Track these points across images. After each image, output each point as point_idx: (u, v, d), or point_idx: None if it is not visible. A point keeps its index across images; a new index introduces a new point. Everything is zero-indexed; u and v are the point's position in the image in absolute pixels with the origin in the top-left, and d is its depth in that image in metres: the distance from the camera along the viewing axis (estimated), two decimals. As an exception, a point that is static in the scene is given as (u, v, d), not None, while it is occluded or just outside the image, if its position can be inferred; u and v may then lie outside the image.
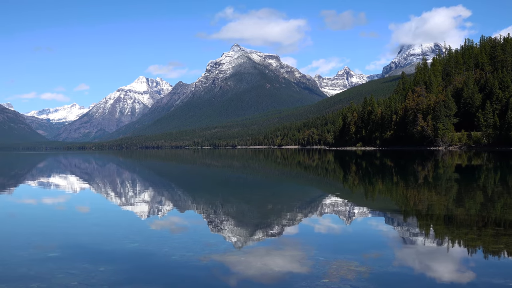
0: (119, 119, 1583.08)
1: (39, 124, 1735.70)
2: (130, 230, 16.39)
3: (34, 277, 10.64)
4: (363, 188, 31.75)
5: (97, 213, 21.25)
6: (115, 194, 30.19)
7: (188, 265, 11.64)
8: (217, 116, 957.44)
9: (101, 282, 10.27)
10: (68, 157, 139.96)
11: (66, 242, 14.32)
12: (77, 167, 73.39)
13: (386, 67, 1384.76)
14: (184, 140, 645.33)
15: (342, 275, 10.52)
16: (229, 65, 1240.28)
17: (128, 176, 51.74)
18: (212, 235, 15.82)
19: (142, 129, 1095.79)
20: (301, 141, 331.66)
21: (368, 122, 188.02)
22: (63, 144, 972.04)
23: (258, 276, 10.70)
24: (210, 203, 24.34)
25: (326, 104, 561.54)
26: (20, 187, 37.15)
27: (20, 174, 56.74)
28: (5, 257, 12.52)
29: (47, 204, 24.98)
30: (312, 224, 17.47)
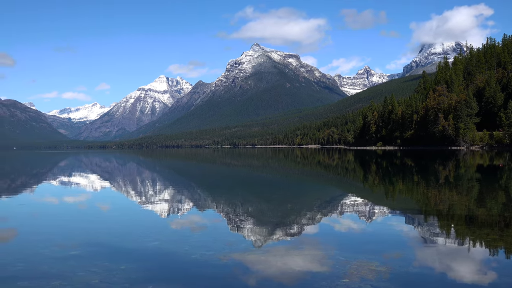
0: (139, 118, 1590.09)
1: (60, 123, 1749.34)
2: (151, 229, 16.47)
3: (55, 275, 10.73)
4: (383, 188, 31.59)
5: (118, 212, 21.39)
6: (135, 193, 30.34)
7: (208, 264, 11.67)
8: (237, 115, 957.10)
9: (122, 280, 10.33)
10: (89, 156, 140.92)
11: (87, 240, 14.42)
12: (98, 166, 73.88)
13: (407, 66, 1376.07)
14: (204, 139, 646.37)
15: (363, 275, 10.49)
16: (249, 65, 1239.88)
17: (148, 175, 51.97)
18: (232, 234, 15.84)
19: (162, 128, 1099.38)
20: (321, 140, 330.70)
21: (389, 121, 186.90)
22: (84, 143, 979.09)
23: (278, 275, 10.70)
24: (230, 202, 24.37)
25: (346, 103, 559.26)
26: (42, 185, 37.50)
27: (42, 172, 57.25)
28: (28, 255, 12.65)
29: (69, 202, 25.19)
30: (332, 224, 17.43)
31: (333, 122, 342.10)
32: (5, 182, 41.28)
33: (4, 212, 21.10)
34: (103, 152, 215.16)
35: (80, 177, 46.27)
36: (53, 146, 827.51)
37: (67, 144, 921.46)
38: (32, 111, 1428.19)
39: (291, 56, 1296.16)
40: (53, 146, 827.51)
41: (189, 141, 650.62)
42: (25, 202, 25.68)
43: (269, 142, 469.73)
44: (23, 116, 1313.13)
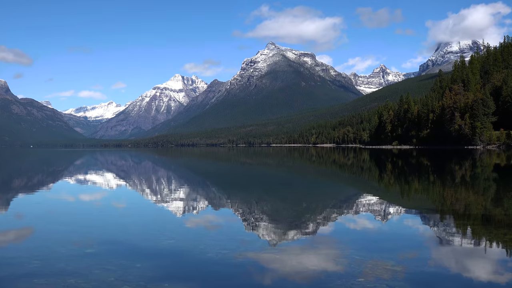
0: (154, 117, 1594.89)
1: (76, 121, 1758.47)
2: (166, 227, 16.53)
3: (71, 273, 10.80)
4: (399, 187, 31.48)
5: (133, 210, 21.48)
6: (151, 191, 30.45)
7: (223, 262, 11.69)
8: (252, 114, 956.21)
9: (138, 278, 10.37)
10: (105, 154, 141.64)
11: (103, 239, 14.49)
12: (114, 165, 74.25)
13: (423, 65, 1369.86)
14: (219, 138, 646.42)
15: (378, 275, 10.45)
16: (264, 63, 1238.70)
17: (164, 173, 52.13)
18: (247, 233, 15.86)
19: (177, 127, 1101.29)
20: (336, 139, 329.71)
21: (404, 120, 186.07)
22: (99, 141, 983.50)
23: (293, 274, 10.69)
24: (245, 201, 24.38)
25: (361, 102, 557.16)
26: (58, 183, 37.75)
27: (58, 171, 57.64)
28: (44, 252, 12.73)
29: (85, 200, 25.34)
30: (347, 223, 17.39)
31: (348, 121, 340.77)
32: (22, 180, 41.60)
33: (21, 210, 21.26)
34: (119, 151, 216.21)
35: (96, 175, 46.50)
36: (69, 144, 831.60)
37: (83, 143, 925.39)
38: (49, 109, 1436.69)
39: (307, 55, 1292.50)
40: (69, 144, 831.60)
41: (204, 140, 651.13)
42: (42, 200, 25.84)
43: (284, 141, 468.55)
44: (39, 115, 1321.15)
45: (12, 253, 12.73)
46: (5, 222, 18.17)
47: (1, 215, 20.09)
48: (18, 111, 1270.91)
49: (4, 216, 19.63)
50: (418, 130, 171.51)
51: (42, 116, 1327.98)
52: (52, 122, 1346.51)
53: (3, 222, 18.07)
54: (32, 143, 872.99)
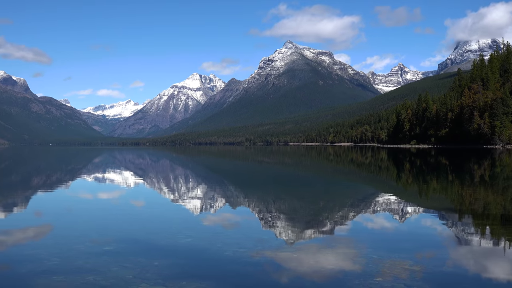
0: (172, 115, 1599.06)
1: (94, 120, 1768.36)
2: (184, 225, 16.59)
3: (90, 270, 10.87)
4: (417, 187, 31.33)
5: (151, 208, 21.58)
6: (168, 190, 30.57)
7: (240, 261, 11.70)
8: (270, 112, 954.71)
9: (155, 276, 10.41)
10: (123, 152, 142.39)
11: (121, 236, 14.58)
12: (132, 163, 74.63)
13: (442, 63, 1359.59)
14: (237, 136, 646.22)
15: (396, 274, 10.41)
16: (281, 62, 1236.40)
17: (181, 172, 52.31)
18: (264, 231, 15.87)
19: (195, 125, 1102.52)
20: (354, 138, 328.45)
21: (423, 119, 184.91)
22: (118, 139, 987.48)
23: (310, 273, 10.67)
24: (262, 200, 24.40)
25: (379, 101, 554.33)
26: (77, 181, 38.06)
27: (77, 169, 58.06)
28: (63, 250, 12.82)
29: (103, 198, 25.50)
30: (365, 222, 17.33)
31: (366, 120, 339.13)
32: (41, 178, 41.98)
33: (40, 208, 21.44)
34: (137, 149, 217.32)
35: (114, 174, 46.79)
36: (87, 142, 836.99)
37: (101, 141, 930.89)
38: (68, 108, 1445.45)
39: (324, 53, 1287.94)
40: (87, 142, 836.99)
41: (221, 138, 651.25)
42: (61, 197, 26.06)
43: (301, 139, 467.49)
44: (58, 113, 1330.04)
45: (31, 250, 12.84)
46: (24, 219, 18.33)
47: (21, 212, 20.29)
48: (37, 109, 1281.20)
49: (24, 214, 19.81)
50: (437, 129, 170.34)
51: (61, 115, 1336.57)
52: (71, 120, 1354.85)
53: (23, 220, 18.24)
54: (51, 141, 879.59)
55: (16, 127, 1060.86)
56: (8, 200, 24.88)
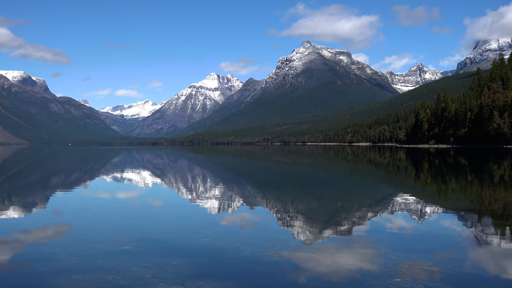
0: (190, 115, 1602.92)
1: (113, 120, 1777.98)
2: (202, 225, 16.62)
3: (109, 269, 10.94)
4: (435, 187, 31.14)
5: (169, 208, 21.67)
6: (186, 190, 30.67)
7: (258, 261, 11.71)
8: (287, 112, 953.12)
9: (174, 276, 10.45)
10: (141, 152, 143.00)
11: (140, 236, 14.64)
12: (150, 163, 74.94)
13: (461, 63, 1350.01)
14: (254, 136, 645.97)
15: (415, 275, 10.35)
16: (299, 62, 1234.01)
17: (199, 171, 52.45)
18: (282, 231, 15.87)
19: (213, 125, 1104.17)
20: (372, 138, 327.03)
21: (442, 119, 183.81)
22: (136, 139, 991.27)
23: (328, 273, 10.66)
24: (280, 200, 24.39)
25: (398, 100, 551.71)
26: (95, 181, 38.31)
27: (95, 168, 58.43)
28: (82, 249, 12.91)
29: (121, 198, 25.64)
30: (383, 223, 17.26)
31: (384, 120, 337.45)
32: (61, 178, 42.30)
33: (59, 207, 21.58)
34: (155, 149, 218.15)
35: (132, 173, 47.02)
36: (106, 142, 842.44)
37: (119, 141, 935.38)
38: (86, 108, 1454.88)
39: (342, 53, 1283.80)
40: (106, 142, 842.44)
41: (239, 138, 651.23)
42: (80, 197, 26.25)
43: (319, 139, 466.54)
44: (77, 113, 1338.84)
45: (51, 249, 12.94)
46: (44, 218, 18.48)
47: (40, 211, 20.46)
48: (56, 109, 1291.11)
49: (43, 213, 19.97)
50: (456, 129, 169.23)
51: (80, 115, 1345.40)
52: (90, 120, 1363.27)
53: (42, 219, 18.38)
54: (70, 141, 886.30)
55: (36, 127, 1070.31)
56: (27, 200, 25.12)
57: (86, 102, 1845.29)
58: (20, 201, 24.42)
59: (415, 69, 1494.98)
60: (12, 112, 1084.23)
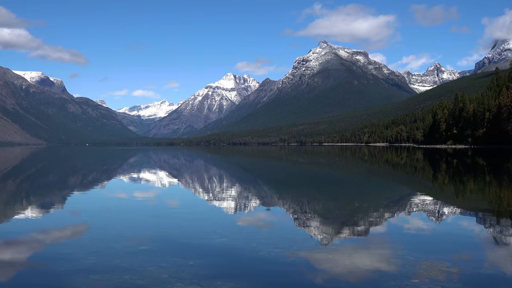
0: (207, 115, 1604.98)
1: (130, 120, 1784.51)
2: (218, 225, 16.65)
3: (126, 269, 11.00)
4: (453, 187, 30.96)
5: (186, 208, 21.73)
6: (203, 190, 30.74)
7: (275, 261, 11.71)
8: (304, 113, 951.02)
9: (191, 276, 10.49)
10: (158, 152, 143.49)
11: (157, 236, 14.71)
12: (166, 163, 75.19)
13: (479, 62, 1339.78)
14: (271, 136, 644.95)
15: (433, 276, 10.30)
16: (316, 62, 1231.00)
17: (216, 172, 52.52)
18: (298, 232, 15.86)
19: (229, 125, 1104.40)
20: (389, 138, 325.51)
21: (459, 119, 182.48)
22: (152, 140, 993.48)
23: (346, 274, 10.63)
24: (296, 200, 24.37)
25: (415, 100, 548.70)
26: (113, 181, 38.52)
27: (112, 168, 58.73)
28: (100, 248, 13.00)
29: (139, 198, 25.74)
30: (400, 223, 17.19)
31: (401, 120, 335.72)
32: (78, 178, 42.57)
33: (77, 207, 21.74)
34: (172, 149, 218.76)
35: (149, 174, 47.20)
36: (123, 142, 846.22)
37: (136, 141, 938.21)
38: (103, 108, 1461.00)
39: (359, 53, 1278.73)
40: (123, 142, 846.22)
41: (255, 139, 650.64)
42: (97, 197, 26.42)
43: (336, 140, 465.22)
44: (94, 114, 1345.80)
45: (69, 249, 13.04)
46: (62, 218, 18.62)
47: (58, 211, 20.63)
48: (73, 110, 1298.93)
49: (61, 213, 20.13)
50: (474, 129, 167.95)
51: (97, 115, 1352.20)
52: (107, 120, 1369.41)
53: (60, 219, 18.53)
54: (87, 141, 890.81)
55: (53, 128, 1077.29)
56: (46, 200, 25.32)
57: (103, 102, 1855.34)
58: (38, 201, 24.63)
59: (432, 69, 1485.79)
60: (30, 112, 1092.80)
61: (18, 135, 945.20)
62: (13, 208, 21.76)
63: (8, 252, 13.03)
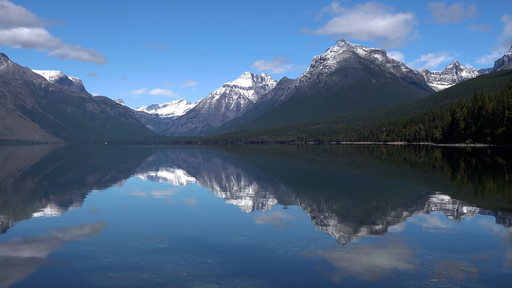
0: (224, 114, 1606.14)
1: (148, 119, 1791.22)
2: (236, 224, 16.68)
3: (145, 267, 11.07)
4: (472, 186, 30.74)
5: (203, 206, 21.77)
6: (220, 188, 30.79)
7: (293, 259, 11.71)
8: (322, 111, 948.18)
9: (209, 274, 10.52)
10: (176, 151, 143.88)
11: (175, 234, 14.77)
12: (184, 161, 75.40)
13: (498, 60, 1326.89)
14: (288, 135, 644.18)
15: (452, 275, 10.24)
16: (333, 60, 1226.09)
17: (233, 170, 52.58)
18: (316, 230, 15.84)
19: (247, 124, 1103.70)
20: (407, 137, 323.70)
21: (479, 118, 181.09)
22: (170, 138, 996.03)
23: (364, 273, 10.61)
24: (314, 199, 24.34)
25: (433, 99, 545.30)
26: (131, 180, 38.71)
27: (131, 167, 59.01)
28: (119, 247, 13.08)
29: (157, 196, 25.84)
30: (418, 222, 17.11)
31: (420, 119, 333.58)
32: (96, 176, 42.84)
33: (96, 205, 21.90)
34: (189, 148, 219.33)
35: (167, 172, 47.38)
36: (141, 141, 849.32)
37: (154, 140, 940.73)
38: (122, 107, 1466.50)
39: (377, 51, 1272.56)
40: (141, 141, 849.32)
41: (273, 137, 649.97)
42: (115, 195, 26.57)
43: (353, 138, 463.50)
44: (113, 112, 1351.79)
45: (87, 247, 13.13)
46: (81, 216, 18.76)
47: (77, 209, 20.79)
48: (92, 108, 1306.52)
49: (80, 211, 20.29)
50: (493, 128, 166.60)
51: (115, 114, 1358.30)
52: (125, 119, 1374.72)
53: (79, 217, 18.66)
54: (105, 140, 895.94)
55: (72, 126, 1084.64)
56: (65, 198, 25.52)
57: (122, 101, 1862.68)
58: (57, 200, 24.84)
59: (451, 67, 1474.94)
60: (49, 111, 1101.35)
61: (37, 134, 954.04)
62: (33, 206, 21.98)
63: (28, 249, 13.16)
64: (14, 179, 40.63)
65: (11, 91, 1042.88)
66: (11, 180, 39.23)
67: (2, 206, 22.02)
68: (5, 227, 16.52)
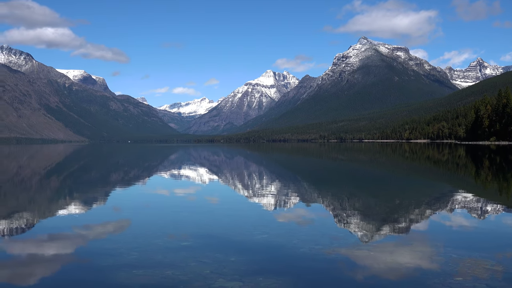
0: (246, 112, 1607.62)
1: (170, 117, 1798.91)
2: (259, 222, 16.70)
3: (169, 265, 11.14)
4: (497, 184, 30.42)
5: (226, 205, 21.85)
6: (243, 186, 30.84)
7: (316, 258, 11.71)
8: (344, 109, 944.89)
9: (232, 272, 10.57)
10: (198, 149, 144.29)
11: (198, 232, 14.84)
12: (207, 160, 75.58)
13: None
14: (310, 133, 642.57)
15: (477, 274, 10.18)
16: (356, 58, 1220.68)
17: (255, 168, 52.61)
18: (339, 229, 15.81)
19: (269, 122, 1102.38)
20: (431, 135, 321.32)
21: (503, 115, 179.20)
22: (193, 137, 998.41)
23: (387, 271, 10.58)
24: (336, 197, 24.28)
25: (457, 96, 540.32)
26: (154, 178, 38.94)
27: (154, 165, 59.33)
28: (142, 244, 13.18)
29: (180, 194, 25.96)
30: (442, 220, 17.00)
31: (443, 116, 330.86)
32: (120, 174, 43.12)
33: (119, 203, 22.06)
34: (211, 146, 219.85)
35: (189, 170, 47.56)
36: (163, 140, 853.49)
37: (177, 138, 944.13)
38: (144, 106, 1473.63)
39: (400, 49, 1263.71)
40: (163, 140, 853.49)
41: (295, 135, 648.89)
42: (139, 193, 26.75)
43: (376, 136, 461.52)
44: (136, 111, 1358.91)
45: (111, 245, 13.26)
46: (104, 214, 18.93)
47: (101, 207, 20.96)
48: (115, 107, 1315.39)
49: (104, 209, 20.46)
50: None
51: (138, 112, 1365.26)
52: (148, 118, 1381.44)
53: (103, 214, 18.83)
54: (128, 139, 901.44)
55: (96, 125, 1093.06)
56: (89, 196, 25.73)
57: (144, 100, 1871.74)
58: (81, 197, 25.06)
59: (475, 64, 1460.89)
60: (73, 110, 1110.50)
61: (61, 133, 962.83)
62: (58, 204, 22.23)
63: (52, 247, 13.32)
64: (39, 177, 41.12)
65: (36, 91, 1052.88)
66: (36, 178, 39.70)
67: (28, 204, 22.30)
68: (31, 224, 16.72)
